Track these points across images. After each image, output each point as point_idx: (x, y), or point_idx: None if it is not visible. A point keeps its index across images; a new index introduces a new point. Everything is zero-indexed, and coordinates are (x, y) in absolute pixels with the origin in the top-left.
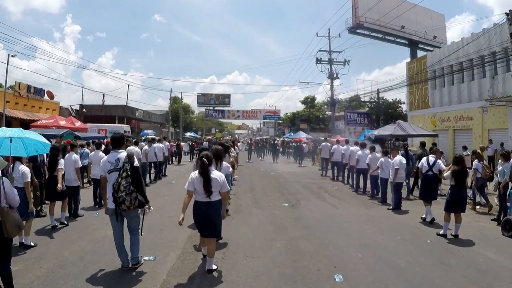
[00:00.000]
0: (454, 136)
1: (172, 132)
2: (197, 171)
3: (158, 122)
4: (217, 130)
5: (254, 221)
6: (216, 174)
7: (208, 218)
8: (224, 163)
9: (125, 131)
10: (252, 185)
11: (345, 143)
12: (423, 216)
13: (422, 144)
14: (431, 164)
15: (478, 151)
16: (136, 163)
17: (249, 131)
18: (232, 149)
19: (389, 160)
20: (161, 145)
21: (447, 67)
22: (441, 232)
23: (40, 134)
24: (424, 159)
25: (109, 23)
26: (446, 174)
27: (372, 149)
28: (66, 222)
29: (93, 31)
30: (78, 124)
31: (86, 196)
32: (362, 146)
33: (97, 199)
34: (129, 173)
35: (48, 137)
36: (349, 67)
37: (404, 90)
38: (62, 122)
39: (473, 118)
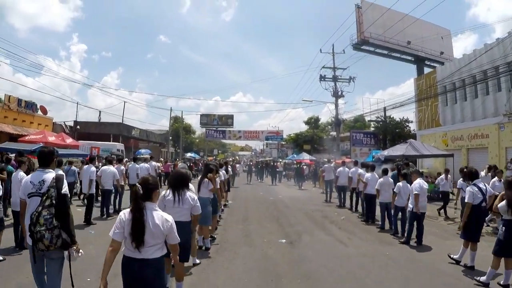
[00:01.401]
0: (468, 156)
1: (172, 152)
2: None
3: (157, 142)
4: (219, 152)
5: (238, 266)
6: (160, 216)
7: (141, 286)
8: (192, 191)
9: (118, 150)
10: (247, 213)
11: (353, 164)
12: (454, 256)
13: (407, 164)
14: (485, 192)
15: (465, 170)
16: (65, 190)
17: (252, 153)
18: (220, 172)
19: (408, 185)
20: (146, 165)
21: (459, 82)
22: (482, 279)
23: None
24: (472, 187)
25: (115, 42)
26: (500, 204)
27: (384, 172)
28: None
29: (99, 50)
30: (69, 140)
31: None
32: (372, 168)
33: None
34: (53, 201)
35: (24, 152)
36: (354, 84)
37: (412, 108)
38: (51, 138)
39: (489, 136)
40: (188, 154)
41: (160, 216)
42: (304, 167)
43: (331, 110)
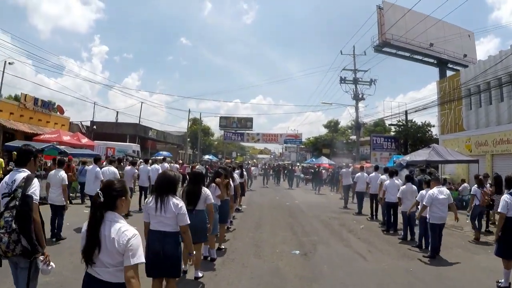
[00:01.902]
0: (493, 162)
1: (190, 154)
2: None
3: (175, 143)
4: (238, 154)
5: (244, 282)
6: (117, 229)
7: None
8: (178, 198)
9: (134, 151)
10: (260, 219)
11: (373, 169)
12: (501, 281)
13: (422, 170)
14: None
15: (480, 176)
16: (32, 191)
17: (272, 156)
18: (234, 175)
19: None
20: (158, 166)
21: (484, 84)
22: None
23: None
24: (508, 196)
25: (136, 44)
26: None
27: (408, 179)
28: None
29: (120, 52)
30: (84, 140)
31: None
32: (391, 174)
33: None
34: (17, 203)
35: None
36: (375, 87)
37: (434, 111)
38: (66, 138)
39: None
40: (206, 156)
41: (118, 230)
42: (323, 171)
43: (351, 114)
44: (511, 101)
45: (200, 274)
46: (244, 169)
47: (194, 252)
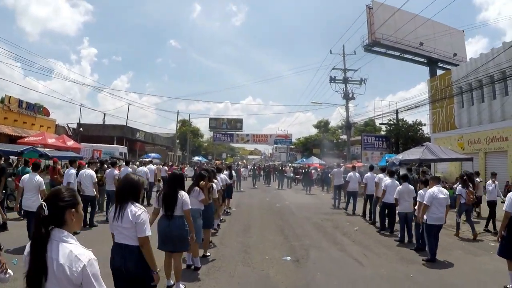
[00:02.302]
0: (486, 160)
1: (179, 156)
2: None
3: (163, 145)
4: (228, 155)
5: None
6: (68, 252)
7: None
8: (137, 206)
9: (120, 153)
10: (249, 222)
11: (369, 170)
12: (510, 286)
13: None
14: None
15: (464, 176)
16: None
17: (262, 157)
18: (219, 177)
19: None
20: (144, 168)
21: (475, 82)
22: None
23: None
24: None
25: (125, 47)
26: None
27: (404, 179)
28: None
29: (109, 54)
30: (70, 143)
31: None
32: (390, 174)
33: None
34: None
35: (9, 153)
36: (365, 86)
37: (425, 110)
38: (51, 140)
39: (508, 139)
40: (196, 158)
41: (69, 253)
42: (313, 171)
43: (341, 113)
44: (504, 99)
45: (181, 286)
46: (233, 170)
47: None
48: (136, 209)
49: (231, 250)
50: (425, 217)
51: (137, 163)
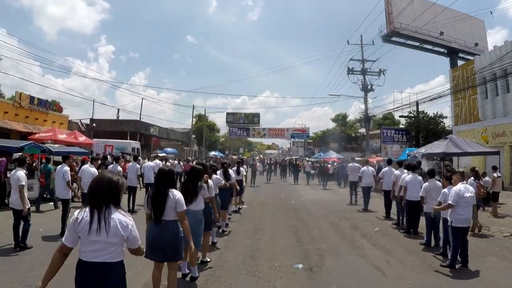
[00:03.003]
0: (511, 154)
1: (195, 151)
2: None
3: (179, 140)
4: (246, 150)
5: None
6: None
7: None
8: (122, 213)
9: (133, 148)
10: (260, 221)
11: (387, 163)
12: None
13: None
14: None
15: (476, 168)
16: None
17: (280, 151)
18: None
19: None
20: (151, 163)
21: (500, 71)
22: None
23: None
24: None
25: (142, 43)
26: None
27: (430, 174)
28: None
29: (127, 51)
30: (82, 138)
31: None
32: (412, 168)
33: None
34: None
35: (8, 149)
36: (384, 77)
37: (447, 100)
38: (62, 136)
39: None
40: (212, 153)
41: None
42: (329, 165)
43: (360, 106)
44: None
45: None
46: (244, 165)
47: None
48: (126, 219)
49: (236, 255)
50: (449, 218)
51: (146, 158)
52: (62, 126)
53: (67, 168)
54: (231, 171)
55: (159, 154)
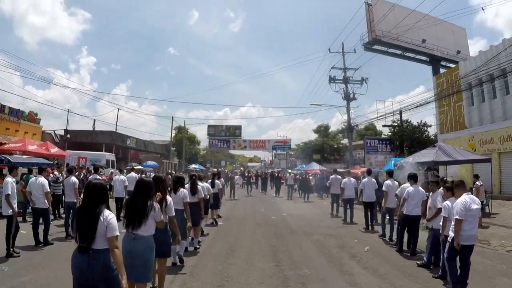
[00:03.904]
0: (500, 161)
1: (175, 164)
2: None
3: (158, 152)
4: (227, 163)
5: None
6: None
7: None
8: None
9: (107, 160)
10: (236, 240)
11: (367, 174)
12: None
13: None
14: None
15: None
16: None
17: (262, 164)
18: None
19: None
20: (122, 177)
21: (486, 76)
22: None
23: None
24: None
25: (124, 55)
26: None
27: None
28: None
29: (108, 62)
30: (54, 150)
31: None
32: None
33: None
34: None
35: None
36: (367, 86)
37: (431, 108)
38: (32, 147)
39: None
40: (192, 166)
41: None
42: (310, 177)
43: (342, 116)
44: None
45: None
46: (221, 178)
47: None
48: None
49: (202, 285)
50: (451, 233)
51: (118, 171)
52: (35, 137)
53: (9, 179)
54: (203, 184)
55: (135, 167)
